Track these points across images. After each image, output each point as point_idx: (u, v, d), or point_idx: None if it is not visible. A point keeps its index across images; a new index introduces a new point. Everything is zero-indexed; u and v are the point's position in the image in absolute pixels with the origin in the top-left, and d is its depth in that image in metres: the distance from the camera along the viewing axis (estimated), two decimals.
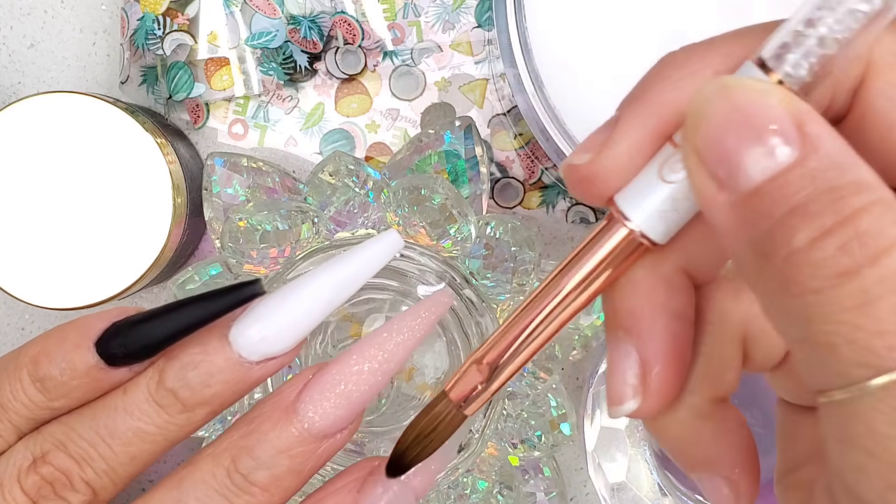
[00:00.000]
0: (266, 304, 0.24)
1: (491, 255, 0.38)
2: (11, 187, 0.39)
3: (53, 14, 0.46)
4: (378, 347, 0.25)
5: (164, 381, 0.24)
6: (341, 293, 0.25)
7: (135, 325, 0.24)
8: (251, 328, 0.24)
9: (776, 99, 0.18)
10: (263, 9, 0.44)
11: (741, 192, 0.18)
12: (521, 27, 0.36)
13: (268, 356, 0.25)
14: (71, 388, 0.24)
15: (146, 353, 0.24)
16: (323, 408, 0.24)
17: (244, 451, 0.24)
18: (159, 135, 0.40)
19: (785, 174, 0.17)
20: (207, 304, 0.24)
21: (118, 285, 0.39)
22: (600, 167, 0.20)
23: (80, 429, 0.24)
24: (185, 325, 0.24)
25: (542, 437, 0.39)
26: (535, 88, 0.36)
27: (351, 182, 0.38)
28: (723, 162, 0.18)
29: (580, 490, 0.47)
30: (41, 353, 0.24)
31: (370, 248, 0.25)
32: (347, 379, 0.25)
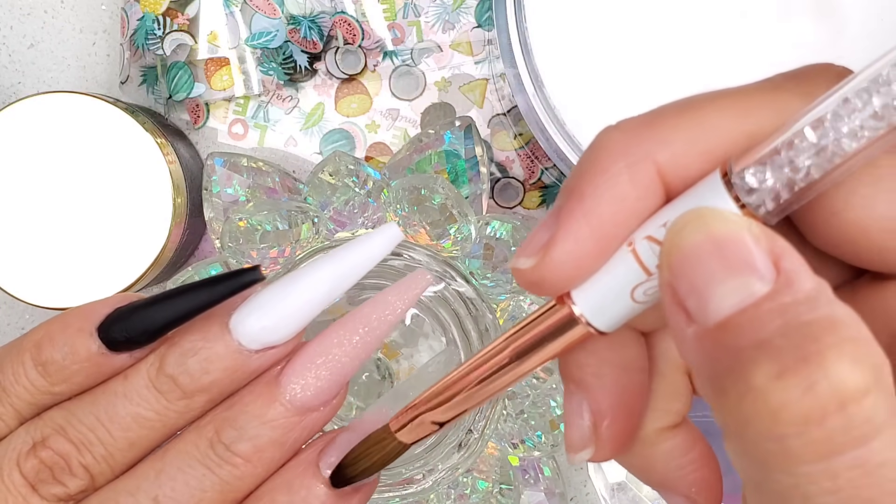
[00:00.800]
0: (267, 293, 0.25)
1: (491, 255, 0.38)
2: (11, 187, 0.39)
3: (53, 14, 0.46)
4: (360, 323, 0.25)
5: (164, 368, 0.24)
6: (341, 284, 0.25)
7: (136, 310, 0.24)
8: (251, 316, 0.24)
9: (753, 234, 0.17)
10: (263, 9, 0.44)
11: (708, 325, 0.17)
12: (521, 27, 0.36)
13: (267, 345, 0.25)
14: (72, 372, 0.24)
15: (147, 338, 0.25)
16: (305, 380, 0.25)
17: (227, 422, 0.25)
18: (159, 135, 0.40)
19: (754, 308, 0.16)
20: (208, 289, 0.24)
21: (118, 285, 0.39)
22: (545, 273, 0.19)
23: (81, 414, 0.25)
24: (185, 311, 0.24)
25: (542, 437, 0.39)
26: (535, 88, 0.36)
27: (351, 182, 0.38)
28: (692, 294, 0.17)
29: (580, 490, 0.47)
30: (44, 337, 0.25)
31: (370, 240, 0.25)
32: (329, 352, 0.25)
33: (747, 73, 0.39)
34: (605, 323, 0.20)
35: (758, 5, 0.38)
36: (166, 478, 0.24)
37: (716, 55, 0.38)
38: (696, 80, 0.38)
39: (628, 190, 0.19)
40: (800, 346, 0.16)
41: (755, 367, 0.16)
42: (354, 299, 0.41)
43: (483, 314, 0.39)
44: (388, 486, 0.38)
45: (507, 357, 0.21)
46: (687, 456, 0.22)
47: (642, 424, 0.22)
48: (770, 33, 0.38)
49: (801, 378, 0.16)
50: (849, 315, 0.16)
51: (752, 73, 0.39)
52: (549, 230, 0.19)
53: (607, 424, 0.21)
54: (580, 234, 0.19)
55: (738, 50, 0.38)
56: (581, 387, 0.21)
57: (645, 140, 0.19)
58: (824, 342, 0.16)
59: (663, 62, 0.38)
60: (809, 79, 0.19)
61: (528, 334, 0.21)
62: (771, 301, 0.16)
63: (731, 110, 0.19)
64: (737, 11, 0.38)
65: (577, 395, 0.21)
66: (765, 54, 0.38)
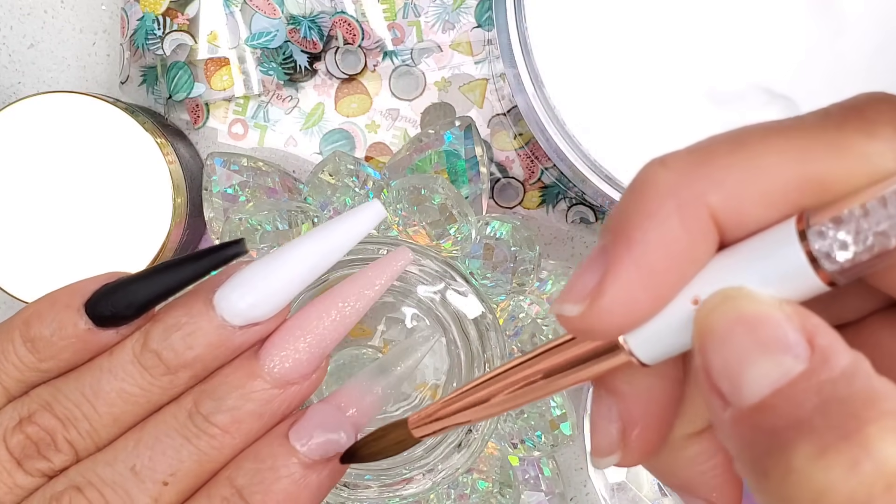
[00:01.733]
0: (251, 269, 0.25)
1: (491, 255, 0.38)
2: (11, 187, 0.39)
3: (53, 14, 0.46)
4: (339, 298, 0.25)
5: (149, 343, 0.25)
6: (324, 260, 0.25)
7: (122, 285, 0.25)
8: (235, 292, 0.25)
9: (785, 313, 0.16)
10: (263, 9, 0.44)
11: (744, 407, 0.16)
12: (521, 27, 0.36)
13: (251, 321, 0.25)
14: (60, 348, 0.25)
15: (133, 312, 0.25)
16: (285, 351, 0.25)
17: (205, 393, 0.25)
18: (159, 135, 0.40)
19: (790, 387, 0.16)
20: (193, 263, 0.25)
21: None
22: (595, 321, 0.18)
23: (66, 389, 0.25)
24: (170, 285, 0.25)
25: (542, 437, 0.39)
26: (535, 88, 0.36)
27: (351, 182, 0.38)
28: (726, 376, 0.17)
29: (580, 490, 0.47)
30: (33, 314, 0.25)
31: (354, 216, 0.25)
32: (308, 325, 0.25)
33: (747, 73, 0.39)
34: (650, 358, 0.19)
35: (758, 5, 0.38)
36: (144, 447, 0.24)
37: (716, 55, 0.38)
38: (696, 80, 0.38)
39: (680, 234, 0.18)
40: (839, 423, 0.15)
41: (795, 448, 0.15)
42: None
43: (483, 314, 0.39)
44: (388, 485, 0.38)
45: (539, 373, 0.21)
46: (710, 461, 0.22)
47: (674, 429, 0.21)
48: (770, 33, 0.38)
49: (843, 457, 0.15)
50: (888, 387, 0.16)
51: (753, 72, 0.39)
52: (596, 275, 0.18)
53: (637, 433, 0.20)
54: (630, 282, 0.18)
55: (738, 50, 0.38)
56: (613, 393, 0.21)
57: (696, 180, 0.18)
58: (864, 418, 0.15)
59: (663, 62, 0.38)
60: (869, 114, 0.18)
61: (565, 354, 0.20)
62: (807, 379, 0.16)
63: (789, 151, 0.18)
64: (737, 11, 0.38)
65: (608, 400, 0.21)
66: (765, 54, 0.38)
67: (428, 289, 0.39)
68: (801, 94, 0.38)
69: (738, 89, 0.38)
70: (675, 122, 0.38)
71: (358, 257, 0.39)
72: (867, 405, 0.15)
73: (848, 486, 0.15)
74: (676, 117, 0.38)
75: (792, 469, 0.15)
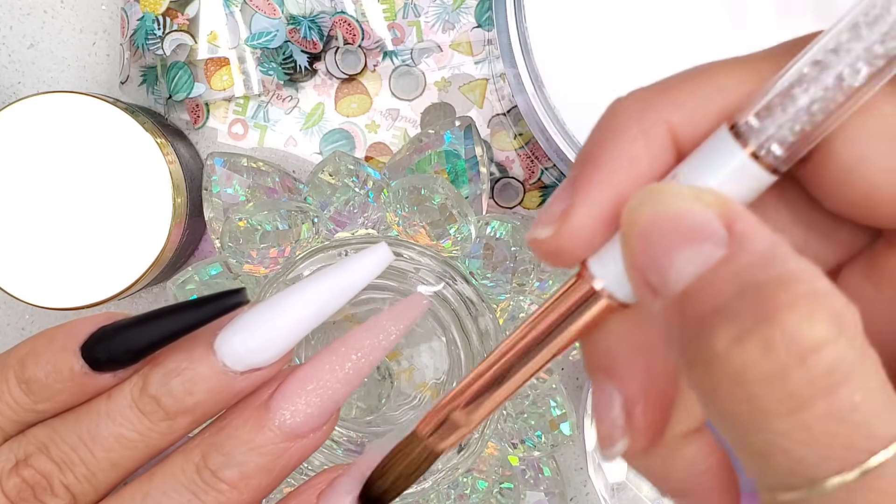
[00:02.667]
0: (253, 313, 0.24)
1: (491, 255, 0.38)
2: (11, 187, 0.39)
3: (53, 14, 0.46)
4: (352, 347, 0.25)
5: (148, 388, 0.24)
6: (329, 305, 0.24)
7: (119, 330, 0.24)
8: (236, 337, 0.24)
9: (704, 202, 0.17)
10: (263, 9, 0.44)
11: (670, 297, 0.17)
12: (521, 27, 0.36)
13: (253, 367, 0.24)
14: (56, 391, 0.24)
15: (130, 358, 0.24)
16: (296, 405, 0.24)
17: (214, 447, 0.24)
18: (159, 135, 0.40)
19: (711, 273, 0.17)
20: (191, 312, 0.24)
21: (118, 285, 0.39)
22: (564, 241, 0.19)
23: (63, 432, 0.24)
24: (168, 333, 0.24)
25: (542, 437, 0.39)
26: (535, 88, 0.36)
27: (351, 182, 0.38)
28: (653, 268, 0.17)
29: (580, 490, 0.47)
30: (28, 354, 0.24)
31: (359, 260, 0.25)
32: (320, 377, 0.24)
33: None
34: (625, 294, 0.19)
35: (758, 5, 0.38)
36: (152, 501, 0.24)
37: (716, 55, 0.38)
38: None
39: (643, 154, 0.19)
40: (755, 307, 0.16)
41: (715, 333, 0.16)
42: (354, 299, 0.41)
43: (483, 314, 0.39)
44: None
45: (532, 341, 0.21)
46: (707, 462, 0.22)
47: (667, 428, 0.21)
48: (770, 34, 0.38)
49: (758, 339, 0.16)
50: (805, 269, 0.16)
51: None
52: (566, 199, 0.19)
53: (640, 410, 0.20)
54: (597, 200, 0.19)
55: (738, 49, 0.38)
56: (610, 375, 0.21)
57: (657, 104, 0.19)
58: (779, 300, 0.16)
59: (663, 62, 0.38)
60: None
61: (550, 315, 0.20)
62: (726, 265, 0.16)
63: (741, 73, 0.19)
64: (737, 11, 0.38)
65: (607, 385, 0.21)
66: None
67: (428, 289, 0.39)
68: None
69: None
70: None
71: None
72: (782, 288, 0.16)
73: (764, 366, 0.16)
74: None
75: (714, 354, 0.16)
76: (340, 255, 0.39)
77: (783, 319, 0.16)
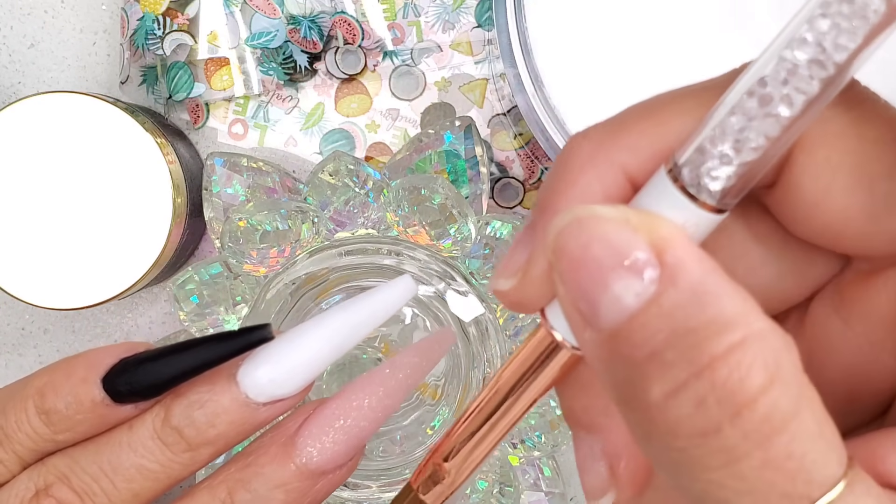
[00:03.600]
0: (275, 345, 0.24)
1: (491, 255, 0.38)
2: (11, 187, 0.39)
3: (53, 14, 0.46)
4: (380, 384, 0.25)
5: (170, 419, 0.24)
6: (352, 337, 0.25)
7: (142, 362, 0.24)
8: (259, 369, 0.24)
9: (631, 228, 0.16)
10: (263, 9, 0.44)
11: (602, 333, 0.16)
12: (521, 27, 0.36)
13: (275, 398, 0.24)
14: (76, 422, 0.24)
15: (152, 391, 0.24)
16: (322, 443, 0.24)
17: (240, 483, 0.24)
18: (159, 135, 0.40)
19: (643, 314, 0.16)
20: (215, 346, 0.24)
21: (118, 285, 0.39)
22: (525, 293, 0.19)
23: (84, 462, 0.24)
24: (191, 367, 0.24)
25: (542, 437, 0.39)
26: (535, 88, 0.36)
27: (351, 182, 0.38)
28: (583, 299, 0.16)
29: (580, 490, 0.47)
30: (48, 385, 0.24)
31: (384, 292, 0.25)
32: (347, 415, 0.24)
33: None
34: None
35: (759, 5, 0.38)
36: None
37: (716, 55, 0.38)
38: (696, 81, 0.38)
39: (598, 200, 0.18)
40: (688, 358, 0.15)
41: (650, 384, 0.16)
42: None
43: (483, 314, 0.39)
44: (389, 485, 0.38)
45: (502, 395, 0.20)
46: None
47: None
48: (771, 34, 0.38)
49: (691, 394, 0.15)
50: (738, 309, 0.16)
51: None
52: (525, 248, 0.19)
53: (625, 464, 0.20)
54: None
55: (737, 49, 0.38)
56: (592, 429, 0.20)
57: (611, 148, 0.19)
58: (710, 351, 0.15)
59: (663, 62, 0.38)
60: None
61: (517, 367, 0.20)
62: (657, 305, 0.16)
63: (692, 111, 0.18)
64: (737, 11, 0.38)
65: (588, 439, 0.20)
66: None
67: (428, 289, 0.39)
68: None
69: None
70: None
71: (366, 261, 0.39)
72: (714, 336, 0.15)
73: (698, 422, 0.15)
74: None
75: (649, 404, 0.16)
76: (340, 255, 0.39)
77: (715, 373, 0.15)
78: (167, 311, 0.47)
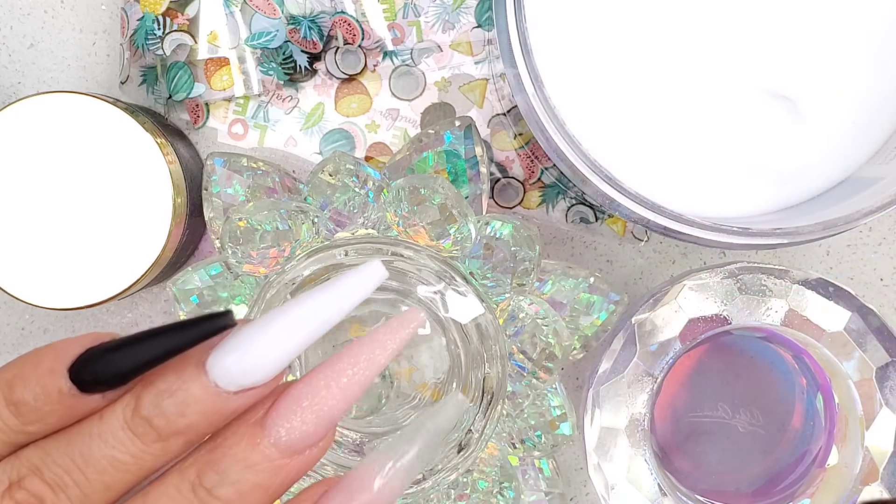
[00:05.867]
0: (245, 332, 0.24)
1: (491, 255, 0.38)
2: (11, 187, 0.39)
3: (53, 14, 0.46)
4: (349, 363, 0.24)
5: (140, 409, 0.24)
6: (322, 324, 0.24)
7: (106, 352, 0.24)
8: (228, 357, 0.24)
9: None
10: (263, 9, 0.44)
11: None
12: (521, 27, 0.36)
13: (246, 387, 0.24)
14: (45, 413, 0.24)
15: (116, 381, 0.24)
16: (291, 423, 0.24)
17: (209, 465, 0.24)
18: (159, 135, 0.40)
19: None
20: (177, 334, 0.23)
21: (118, 285, 0.39)
22: None
23: (56, 454, 0.24)
24: (155, 355, 0.24)
25: (542, 437, 0.39)
26: (535, 88, 0.36)
27: (351, 182, 0.38)
28: None
29: (580, 490, 0.47)
30: (16, 376, 0.24)
31: (352, 278, 0.24)
32: (316, 394, 0.24)
33: (748, 73, 0.39)
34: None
35: (759, 5, 0.38)
36: None
37: (716, 55, 0.38)
38: (696, 80, 0.38)
39: None
40: None
41: None
42: None
43: (483, 314, 0.39)
44: None
45: None
46: None
47: None
48: (771, 33, 0.38)
49: None
50: None
51: (753, 72, 0.39)
52: None
53: None
54: None
55: (738, 49, 0.38)
56: None
57: None
58: None
59: (663, 62, 0.38)
60: None
61: None
62: None
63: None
64: (738, 10, 0.38)
65: None
66: (766, 54, 0.38)
67: (428, 289, 0.39)
68: (802, 94, 0.38)
69: (739, 89, 0.38)
70: (675, 122, 0.38)
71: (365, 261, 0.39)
72: None
73: None
74: (676, 117, 0.38)
75: None
76: (340, 256, 0.39)
77: None
78: (167, 311, 0.47)
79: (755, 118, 0.38)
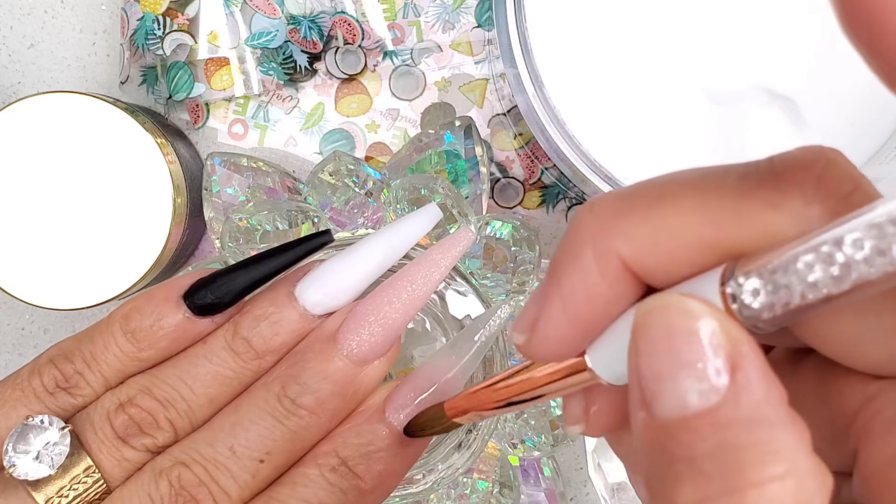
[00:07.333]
0: (328, 266, 0.28)
1: (491, 255, 0.38)
2: (11, 187, 0.39)
3: (53, 14, 0.46)
4: (407, 281, 0.28)
5: (239, 331, 0.27)
6: (390, 256, 0.28)
7: (220, 275, 0.27)
8: (313, 285, 0.28)
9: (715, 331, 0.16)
10: (263, 9, 0.44)
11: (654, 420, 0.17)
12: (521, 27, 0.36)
13: (329, 310, 0.28)
14: (159, 337, 0.27)
15: (230, 299, 0.27)
16: (360, 336, 0.27)
17: (291, 378, 0.27)
18: (159, 135, 0.40)
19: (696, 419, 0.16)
20: (286, 252, 0.28)
21: (118, 285, 0.39)
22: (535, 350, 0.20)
23: (164, 375, 0.27)
24: (266, 272, 0.28)
25: (542, 437, 0.39)
26: (535, 88, 0.36)
27: (351, 182, 0.38)
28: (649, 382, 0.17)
29: (580, 490, 0.47)
30: (133, 309, 0.27)
31: (415, 217, 0.28)
32: (380, 310, 0.27)
33: (748, 73, 0.39)
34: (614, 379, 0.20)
35: (759, 4, 0.38)
36: (240, 429, 0.26)
37: (716, 55, 0.38)
38: (696, 80, 0.38)
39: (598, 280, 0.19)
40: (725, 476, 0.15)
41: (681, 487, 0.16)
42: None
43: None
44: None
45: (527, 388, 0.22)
46: None
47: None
48: (771, 33, 0.38)
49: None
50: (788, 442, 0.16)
51: (753, 72, 0.39)
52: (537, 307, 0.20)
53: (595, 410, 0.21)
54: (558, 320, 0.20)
55: (738, 49, 0.38)
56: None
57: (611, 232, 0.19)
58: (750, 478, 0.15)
59: (663, 62, 0.38)
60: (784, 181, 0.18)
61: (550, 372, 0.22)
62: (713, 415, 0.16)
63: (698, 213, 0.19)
64: (737, 10, 0.38)
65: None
66: (765, 54, 0.38)
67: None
68: (802, 94, 0.38)
69: (738, 89, 0.38)
70: (675, 122, 0.38)
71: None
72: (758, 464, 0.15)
73: None
74: (676, 117, 0.38)
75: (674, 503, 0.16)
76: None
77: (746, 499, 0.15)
78: None
79: (755, 118, 0.38)
